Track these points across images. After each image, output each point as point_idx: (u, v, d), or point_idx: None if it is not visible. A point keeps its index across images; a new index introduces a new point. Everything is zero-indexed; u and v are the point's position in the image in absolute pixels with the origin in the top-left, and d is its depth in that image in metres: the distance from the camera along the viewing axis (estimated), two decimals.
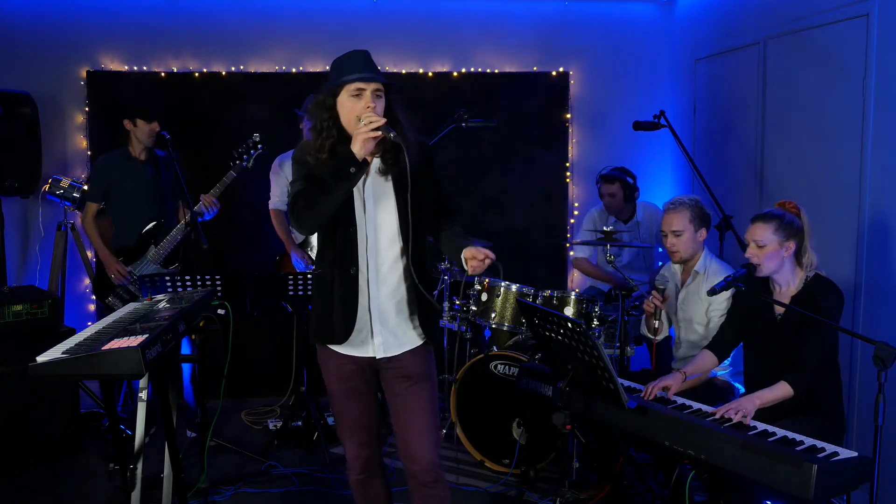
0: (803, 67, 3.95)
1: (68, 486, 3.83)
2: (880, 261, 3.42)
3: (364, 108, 2.41)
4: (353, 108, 2.43)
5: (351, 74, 2.43)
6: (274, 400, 5.02)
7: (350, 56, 2.49)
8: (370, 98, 2.43)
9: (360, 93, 2.43)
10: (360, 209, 2.52)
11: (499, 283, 4.17)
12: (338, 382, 2.60)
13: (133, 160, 4.31)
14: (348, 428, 2.63)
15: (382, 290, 2.54)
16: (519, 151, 5.41)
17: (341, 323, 2.53)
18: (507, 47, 5.39)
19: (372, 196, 2.53)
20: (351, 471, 2.68)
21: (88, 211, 4.33)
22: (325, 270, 2.57)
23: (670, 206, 3.51)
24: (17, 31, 4.94)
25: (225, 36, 5.15)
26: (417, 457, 2.56)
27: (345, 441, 2.67)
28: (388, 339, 2.55)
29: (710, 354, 3.18)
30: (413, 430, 2.56)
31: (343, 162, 2.37)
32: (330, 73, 2.51)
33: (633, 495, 3.71)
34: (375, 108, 2.43)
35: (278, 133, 4.71)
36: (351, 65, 2.45)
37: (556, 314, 2.83)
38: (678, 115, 5.16)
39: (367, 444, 2.64)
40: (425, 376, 2.59)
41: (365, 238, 2.52)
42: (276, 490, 3.77)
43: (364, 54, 2.50)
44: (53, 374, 2.23)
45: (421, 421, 2.56)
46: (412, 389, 2.56)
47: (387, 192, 2.54)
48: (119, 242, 4.33)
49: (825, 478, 2.28)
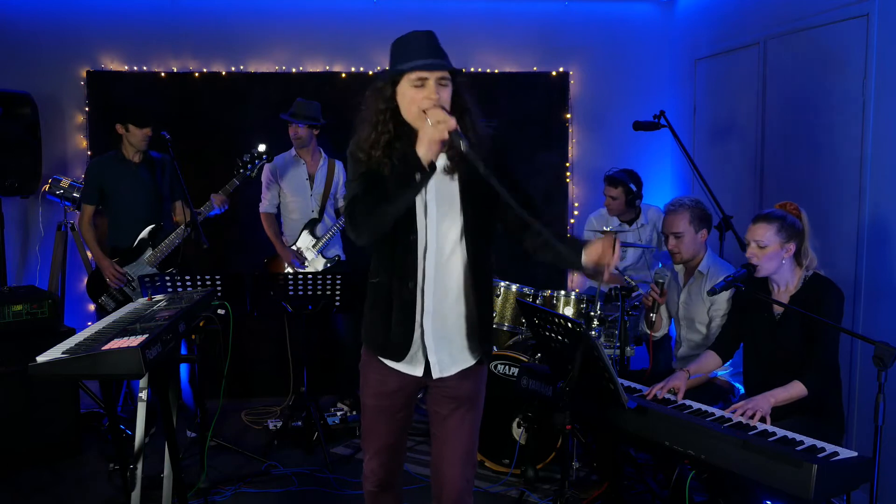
0: (803, 67, 3.95)
1: (68, 486, 3.83)
2: (880, 260, 3.42)
3: (427, 98, 2.13)
4: (414, 99, 2.15)
5: (412, 61, 2.14)
6: (274, 400, 5.02)
7: (411, 38, 2.20)
8: (434, 88, 2.14)
9: (423, 82, 2.14)
10: (421, 213, 2.26)
11: (499, 282, 4.17)
12: (374, 398, 2.41)
13: (127, 162, 4.31)
14: (373, 445, 2.46)
15: (441, 305, 2.31)
16: (519, 151, 5.41)
17: (400, 339, 2.31)
18: (507, 47, 5.39)
19: (435, 199, 2.26)
20: (366, 482, 2.53)
21: (84, 213, 4.34)
22: (384, 279, 2.32)
23: (670, 208, 3.51)
24: (17, 31, 4.94)
25: (225, 36, 5.15)
26: (446, 483, 2.42)
27: (366, 453, 2.51)
28: (442, 358, 2.34)
29: (714, 355, 3.18)
30: (448, 457, 2.41)
31: (406, 167, 2.08)
32: (390, 55, 2.23)
33: (632, 495, 3.71)
34: (440, 97, 2.14)
35: (278, 134, 4.71)
36: (412, 48, 2.17)
37: (556, 314, 2.83)
38: (678, 115, 5.15)
39: (388, 465, 2.48)
40: (473, 399, 2.43)
41: (424, 247, 2.27)
42: (276, 490, 3.77)
43: (428, 36, 2.20)
44: (53, 374, 2.23)
45: (458, 448, 2.41)
46: (456, 413, 2.39)
47: (452, 194, 2.27)
48: (114, 244, 4.33)
49: (825, 478, 2.28)
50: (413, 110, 2.18)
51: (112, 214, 4.36)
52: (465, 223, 2.29)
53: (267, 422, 4.64)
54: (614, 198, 4.55)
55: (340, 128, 4.78)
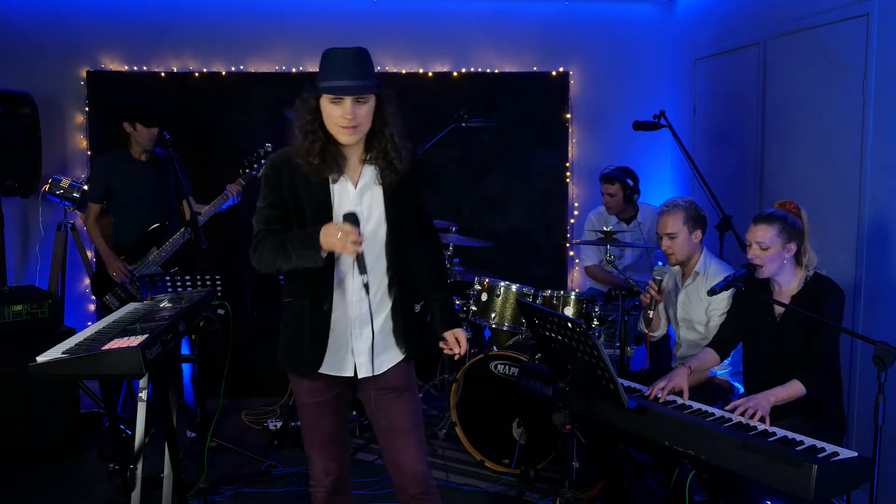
0: (803, 67, 3.95)
1: (68, 486, 3.83)
2: (880, 261, 3.42)
3: (341, 116, 2.26)
4: (331, 115, 2.29)
5: (330, 79, 2.25)
6: (274, 400, 5.01)
7: (335, 55, 2.29)
8: (349, 107, 2.25)
9: (339, 100, 2.26)
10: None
11: (499, 282, 4.17)
12: (309, 395, 2.48)
13: (133, 162, 4.31)
14: (319, 441, 2.51)
15: (364, 312, 2.41)
16: (519, 151, 5.41)
17: (310, 357, 2.42)
18: (507, 47, 5.39)
19: (362, 201, 2.40)
20: (318, 488, 2.54)
21: (90, 211, 4.34)
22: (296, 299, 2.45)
23: (664, 209, 3.51)
24: (17, 31, 4.94)
25: (225, 36, 5.15)
26: (407, 469, 2.48)
27: (314, 455, 2.54)
28: (369, 358, 2.42)
29: (712, 352, 3.18)
30: (401, 443, 2.48)
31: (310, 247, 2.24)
32: (319, 66, 2.34)
33: (632, 495, 3.71)
34: (356, 115, 2.27)
35: (279, 134, 4.71)
36: (333, 67, 2.27)
37: (556, 314, 2.83)
38: (678, 115, 5.16)
39: (339, 458, 2.54)
40: (408, 388, 2.51)
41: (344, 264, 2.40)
42: (276, 490, 3.77)
43: (347, 56, 2.27)
44: (53, 374, 2.24)
45: (407, 432, 2.48)
46: (398, 401, 2.48)
47: (377, 202, 2.41)
48: (119, 242, 4.33)
49: (825, 478, 2.28)
50: (331, 124, 2.31)
51: (117, 213, 4.36)
52: (388, 230, 2.42)
53: (267, 422, 4.63)
54: (612, 195, 4.57)
55: None
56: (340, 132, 2.30)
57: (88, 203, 4.36)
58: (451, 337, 2.53)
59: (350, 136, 2.31)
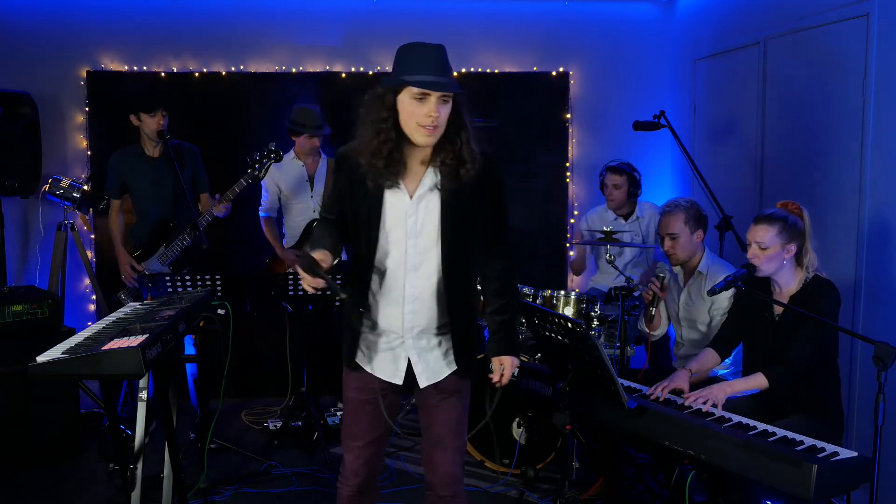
0: (803, 67, 3.95)
1: (68, 486, 3.83)
2: (880, 261, 3.42)
3: (426, 115, 2.16)
4: (413, 114, 2.18)
5: (418, 74, 2.14)
6: (274, 400, 5.02)
7: (420, 49, 2.18)
8: (435, 105, 2.16)
9: (425, 97, 2.16)
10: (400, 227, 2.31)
11: None
12: (356, 391, 2.46)
13: (145, 157, 4.27)
14: (358, 441, 2.47)
15: (419, 321, 2.37)
16: (519, 151, 5.41)
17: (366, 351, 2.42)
18: (507, 47, 5.39)
19: (416, 212, 2.31)
20: (345, 484, 2.51)
21: (112, 208, 4.35)
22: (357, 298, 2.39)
23: (665, 209, 3.52)
24: (17, 31, 4.94)
25: (225, 36, 5.15)
26: (440, 469, 2.47)
27: (347, 451, 2.50)
28: (422, 369, 2.41)
29: (713, 353, 3.18)
30: (440, 443, 2.47)
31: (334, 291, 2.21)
32: (395, 59, 2.22)
33: (633, 495, 3.71)
34: (440, 115, 2.17)
35: (279, 134, 4.71)
36: (420, 61, 2.16)
37: (556, 314, 2.83)
38: (678, 115, 5.15)
39: (371, 461, 2.50)
40: (457, 391, 2.47)
41: (404, 260, 2.32)
42: (276, 490, 3.77)
43: (437, 50, 2.18)
44: (53, 374, 2.23)
45: (448, 435, 2.46)
46: (445, 402, 2.45)
47: (433, 213, 2.31)
48: (133, 238, 4.34)
49: (825, 478, 2.28)
50: (411, 123, 2.21)
51: (132, 209, 4.35)
52: (442, 238, 2.32)
53: (267, 422, 4.64)
54: (618, 186, 4.47)
55: (340, 128, 4.78)
56: (421, 132, 2.19)
57: (109, 199, 4.35)
58: (496, 364, 2.43)
59: (430, 137, 2.21)
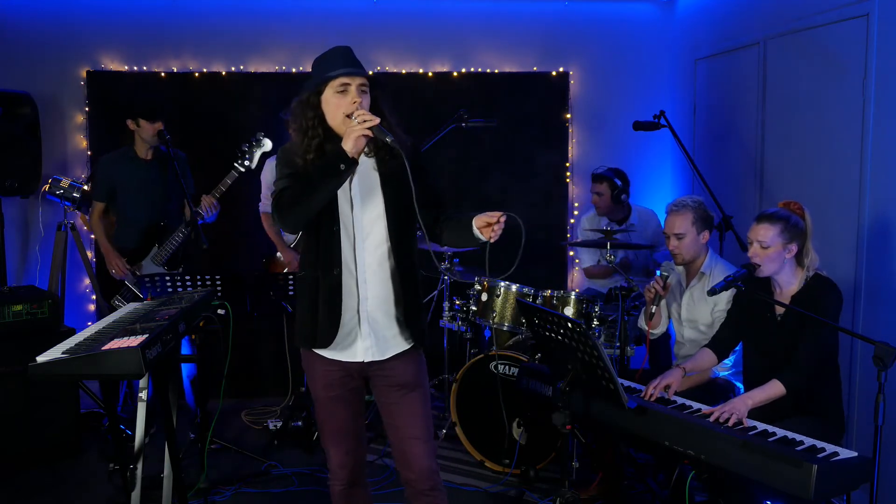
0: (803, 67, 3.95)
1: (68, 486, 3.83)
2: (880, 261, 3.42)
3: (350, 103, 2.36)
4: (339, 105, 2.38)
5: (334, 70, 2.37)
6: (274, 400, 5.02)
7: (331, 52, 2.43)
8: (356, 93, 2.38)
9: (346, 88, 2.37)
10: (346, 208, 2.46)
11: (499, 282, 4.17)
12: (324, 389, 2.54)
13: (137, 160, 4.28)
14: (334, 434, 2.56)
15: (369, 292, 2.47)
16: (519, 151, 5.41)
17: (326, 325, 2.46)
18: (507, 47, 5.39)
19: (359, 194, 2.46)
20: (335, 480, 2.60)
21: (95, 209, 4.33)
22: (309, 272, 2.50)
23: (673, 208, 3.49)
24: (17, 31, 4.94)
25: (225, 36, 5.15)
26: (414, 465, 2.52)
27: (329, 449, 2.59)
28: (375, 342, 2.49)
29: (709, 353, 3.18)
30: (409, 439, 2.52)
31: (332, 160, 2.29)
32: (312, 71, 2.46)
33: (632, 495, 3.71)
34: (362, 102, 2.38)
35: (278, 133, 4.71)
36: (333, 60, 2.40)
37: (556, 314, 2.83)
38: (678, 115, 5.16)
39: (354, 451, 2.59)
40: (418, 384, 2.55)
41: (352, 237, 2.45)
42: (276, 490, 3.77)
43: (345, 49, 2.44)
44: (53, 374, 2.23)
45: (417, 429, 2.52)
46: (406, 398, 2.53)
47: (374, 189, 2.47)
48: (121, 242, 4.32)
49: (825, 478, 2.28)
50: (338, 116, 2.38)
51: (120, 213, 4.33)
52: (386, 212, 2.46)
53: (267, 422, 4.64)
54: (600, 194, 4.62)
55: None
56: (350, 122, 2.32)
57: (92, 201, 4.34)
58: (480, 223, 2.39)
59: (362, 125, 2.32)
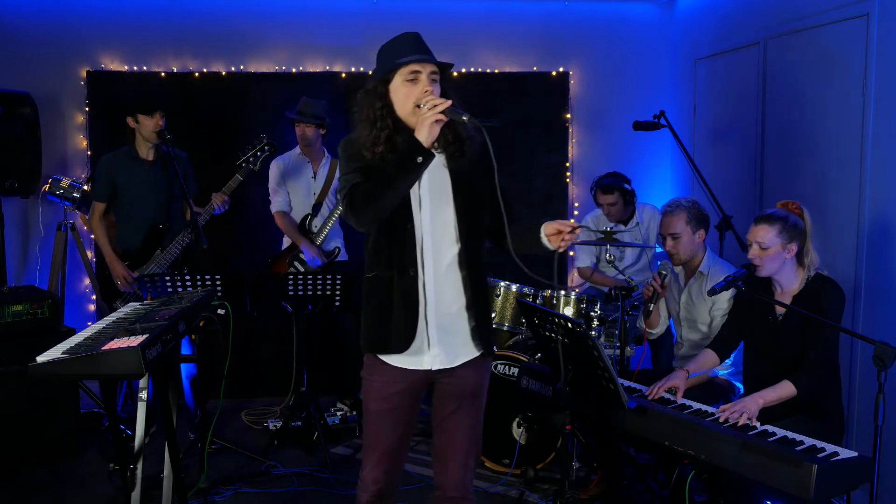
0: (803, 67, 3.95)
1: (68, 486, 3.83)
2: (881, 261, 3.42)
3: (422, 92, 2.22)
4: (409, 94, 2.24)
5: (404, 56, 2.23)
6: (274, 400, 5.01)
7: (401, 39, 2.29)
8: (427, 81, 2.24)
9: (416, 76, 2.24)
10: (415, 205, 2.31)
11: (499, 282, 4.17)
12: (378, 402, 2.38)
13: (139, 160, 4.25)
14: (377, 451, 2.41)
15: (441, 296, 2.32)
16: (519, 151, 5.41)
17: (401, 330, 2.31)
18: (507, 47, 5.39)
19: (428, 193, 2.32)
20: (363, 492, 2.45)
21: (95, 210, 4.28)
22: (382, 272, 2.33)
23: (667, 209, 3.52)
24: (17, 31, 4.93)
25: (225, 36, 5.15)
26: (449, 473, 2.46)
27: (367, 461, 2.44)
28: (445, 349, 2.35)
29: (711, 353, 3.18)
30: (452, 449, 2.46)
31: (408, 152, 2.15)
32: (378, 59, 2.33)
33: (632, 495, 3.71)
34: (433, 91, 2.24)
35: (278, 133, 4.71)
36: (402, 46, 2.26)
37: (556, 314, 2.83)
38: (678, 115, 5.16)
39: (391, 472, 2.44)
40: (478, 393, 2.48)
41: (421, 238, 2.31)
42: (276, 490, 3.77)
43: (415, 35, 2.30)
44: (53, 374, 2.24)
45: (463, 442, 2.45)
46: (462, 408, 2.43)
47: (445, 187, 2.34)
48: (122, 244, 4.30)
49: (825, 478, 2.28)
50: (408, 105, 2.25)
51: (120, 213, 4.30)
52: (457, 213, 2.34)
53: (267, 422, 4.63)
54: (612, 204, 4.48)
55: (340, 128, 4.79)
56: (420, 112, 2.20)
57: (93, 201, 4.30)
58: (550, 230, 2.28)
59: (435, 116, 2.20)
